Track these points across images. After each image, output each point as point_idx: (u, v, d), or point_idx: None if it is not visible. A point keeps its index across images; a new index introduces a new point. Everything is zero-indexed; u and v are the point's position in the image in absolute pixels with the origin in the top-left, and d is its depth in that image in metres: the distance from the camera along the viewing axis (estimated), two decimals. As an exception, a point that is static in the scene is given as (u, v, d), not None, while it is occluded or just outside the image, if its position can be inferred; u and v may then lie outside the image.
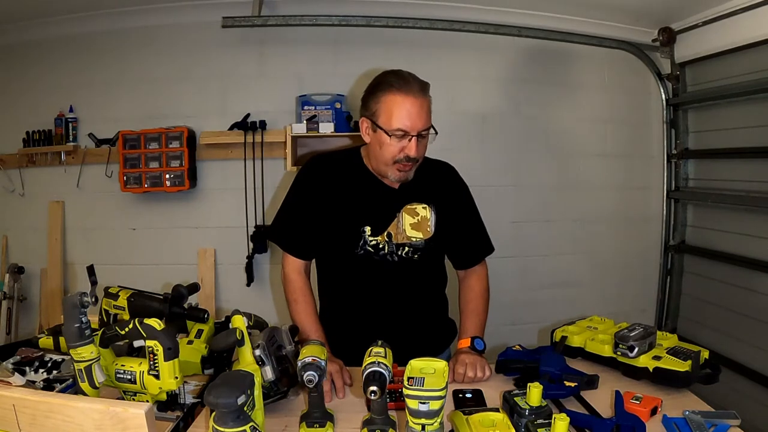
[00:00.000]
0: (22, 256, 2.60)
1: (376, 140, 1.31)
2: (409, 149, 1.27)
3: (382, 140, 1.29)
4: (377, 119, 1.29)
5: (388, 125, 1.26)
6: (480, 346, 1.34)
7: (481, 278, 1.52)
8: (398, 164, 1.30)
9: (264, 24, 2.33)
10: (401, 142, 1.27)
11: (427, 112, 1.29)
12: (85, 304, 0.99)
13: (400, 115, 1.25)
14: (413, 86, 1.26)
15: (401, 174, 1.33)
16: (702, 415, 1.00)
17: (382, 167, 1.34)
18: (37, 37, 2.51)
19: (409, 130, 1.26)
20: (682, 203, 2.66)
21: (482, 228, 1.53)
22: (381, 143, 1.29)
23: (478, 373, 1.23)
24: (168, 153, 2.39)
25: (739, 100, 2.28)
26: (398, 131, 1.26)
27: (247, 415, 0.85)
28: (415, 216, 1.39)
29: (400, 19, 2.35)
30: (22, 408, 0.84)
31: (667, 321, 2.69)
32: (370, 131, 1.33)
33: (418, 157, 1.31)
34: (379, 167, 1.35)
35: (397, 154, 1.29)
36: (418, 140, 1.28)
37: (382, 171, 1.35)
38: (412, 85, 1.26)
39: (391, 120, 1.26)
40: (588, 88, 2.64)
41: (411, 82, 1.27)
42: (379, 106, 1.28)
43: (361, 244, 1.38)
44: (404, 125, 1.25)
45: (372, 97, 1.31)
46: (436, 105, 1.33)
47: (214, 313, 2.45)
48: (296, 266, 1.45)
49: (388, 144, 1.28)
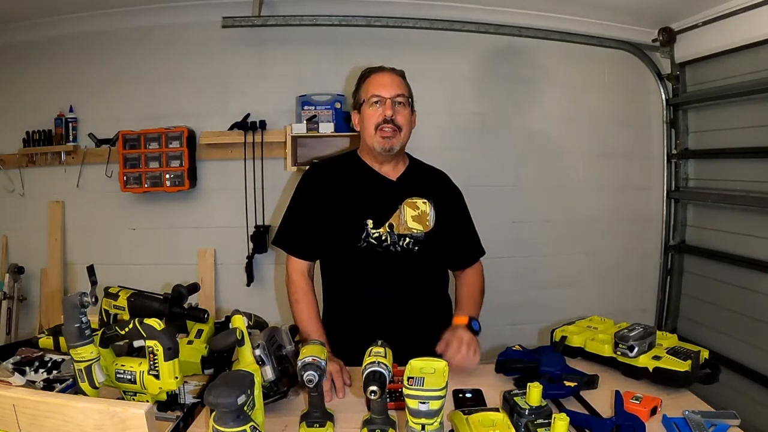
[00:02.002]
0: (22, 256, 2.60)
1: (363, 120, 1.45)
2: (386, 110, 1.40)
3: (364, 115, 1.44)
4: (360, 102, 1.46)
5: (366, 96, 1.43)
6: (476, 326, 1.34)
7: (477, 272, 1.58)
8: (380, 131, 1.40)
9: (264, 24, 2.33)
10: (379, 108, 1.41)
11: (400, 85, 1.44)
12: (85, 304, 0.99)
13: (376, 85, 1.43)
14: (384, 67, 1.47)
15: (385, 141, 1.41)
16: (702, 415, 1.00)
17: (369, 140, 1.44)
18: (37, 37, 2.51)
19: (384, 95, 1.41)
20: (682, 203, 2.66)
21: (474, 232, 1.60)
22: (364, 118, 1.44)
23: (471, 354, 1.24)
24: (168, 153, 2.39)
25: (739, 100, 2.28)
26: (373, 97, 1.41)
27: (247, 415, 0.85)
28: (415, 209, 1.45)
29: (400, 19, 2.35)
30: (22, 408, 0.84)
31: (667, 321, 2.69)
32: (357, 117, 1.49)
33: (398, 121, 1.41)
34: (368, 143, 1.45)
35: (376, 119, 1.41)
36: (395, 106, 1.41)
37: (369, 145, 1.44)
38: (383, 67, 1.48)
39: (369, 91, 1.43)
40: (588, 88, 2.64)
41: (383, 66, 1.48)
42: (360, 91, 1.47)
43: (364, 237, 1.41)
44: (378, 91, 1.41)
45: (356, 91, 1.49)
46: (436, 105, 1.35)
47: (214, 313, 2.45)
48: (299, 268, 1.48)
49: (369, 114, 1.42)
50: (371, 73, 1.46)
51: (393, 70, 1.46)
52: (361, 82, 1.47)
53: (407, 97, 1.44)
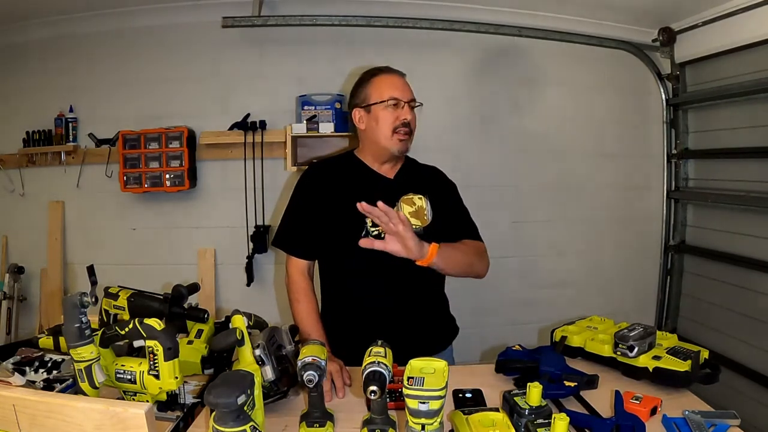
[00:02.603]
0: (22, 256, 2.60)
1: (373, 119, 1.42)
2: (404, 114, 1.39)
3: (378, 115, 1.40)
4: (369, 100, 1.42)
5: (382, 97, 1.40)
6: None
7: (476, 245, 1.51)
8: (398, 133, 1.40)
9: (264, 24, 2.33)
10: (396, 110, 1.40)
11: (411, 88, 1.44)
12: (85, 304, 0.99)
13: (391, 86, 1.41)
14: (393, 69, 1.46)
15: (402, 144, 1.41)
16: (702, 415, 1.00)
17: (384, 142, 1.41)
18: (37, 37, 2.51)
19: (401, 98, 1.40)
20: (682, 203, 2.66)
21: (472, 222, 1.58)
22: (378, 119, 1.41)
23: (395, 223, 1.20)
24: (168, 153, 2.39)
25: (739, 100, 2.28)
26: (392, 99, 1.39)
27: (247, 414, 0.84)
28: (412, 205, 1.46)
29: (400, 19, 2.35)
30: (22, 408, 0.84)
31: (667, 321, 2.69)
32: (364, 116, 1.44)
33: (413, 125, 1.42)
34: (380, 144, 1.42)
35: (394, 122, 1.40)
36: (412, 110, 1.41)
37: (383, 147, 1.42)
38: (392, 69, 1.46)
39: (383, 92, 1.40)
40: (588, 88, 2.64)
41: (390, 67, 1.46)
42: (369, 89, 1.43)
43: (363, 235, 1.41)
44: (396, 93, 1.40)
45: (360, 88, 1.45)
46: (436, 104, 1.34)
47: (214, 313, 2.45)
48: (299, 267, 1.48)
49: (385, 116, 1.40)
50: (382, 73, 1.44)
51: (401, 73, 1.46)
52: (367, 81, 1.44)
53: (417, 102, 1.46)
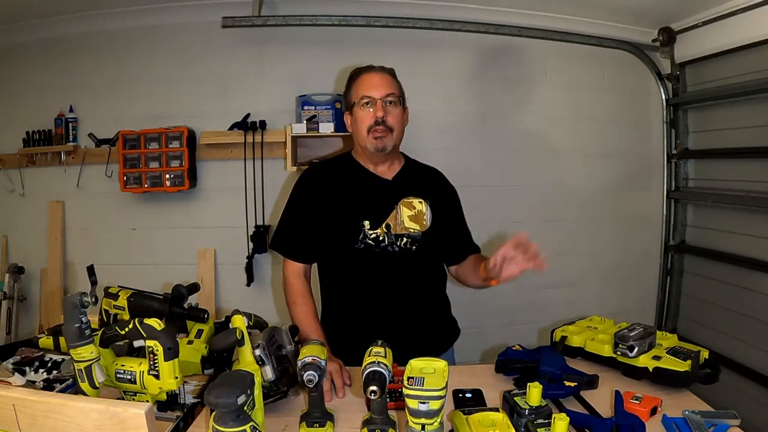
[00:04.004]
0: (22, 256, 2.60)
1: (354, 121, 1.44)
2: (376, 110, 1.39)
3: (356, 117, 1.43)
4: (350, 102, 1.45)
5: (357, 97, 1.42)
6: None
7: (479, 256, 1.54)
8: (372, 132, 1.40)
9: (264, 24, 2.33)
10: (370, 110, 1.40)
11: (389, 84, 1.43)
12: (85, 304, 0.99)
13: (363, 86, 1.42)
14: (373, 66, 1.46)
15: (377, 142, 1.41)
16: (702, 415, 1.00)
17: (362, 141, 1.43)
18: (38, 37, 2.51)
19: (373, 95, 1.40)
20: (682, 203, 2.66)
21: (467, 230, 1.60)
22: (356, 120, 1.43)
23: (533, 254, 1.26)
24: (168, 153, 2.39)
25: (739, 100, 2.27)
26: (364, 98, 1.40)
27: (247, 414, 0.84)
28: (412, 209, 1.45)
29: (400, 19, 2.35)
30: (22, 408, 0.84)
31: (667, 321, 2.69)
32: (349, 118, 1.48)
33: (389, 123, 1.40)
34: (362, 144, 1.44)
35: (368, 121, 1.40)
36: (386, 106, 1.40)
37: (364, 147, 1.44)
38: (371, 66, 1.46)
39: (358, 93, 1.42)
40: (588, 88, 2.64)
41: (371, 65, 1.46)
42: (351, 91, 1.46)
43: (361, 238, 1.41)
44: (367, 92, 1.41)
45: (346, 92, 1.49)
46: (436, 104, 1.34)
47: (214, 313, 2.45)
48: (296, 270, 1.48)
49: (361, 116, 1.41)
50: (360, 74, 1.45)
51: (382, 69, 1.45)
52: (350, 83, 1.46)
53: (398, 95, 1.43)
